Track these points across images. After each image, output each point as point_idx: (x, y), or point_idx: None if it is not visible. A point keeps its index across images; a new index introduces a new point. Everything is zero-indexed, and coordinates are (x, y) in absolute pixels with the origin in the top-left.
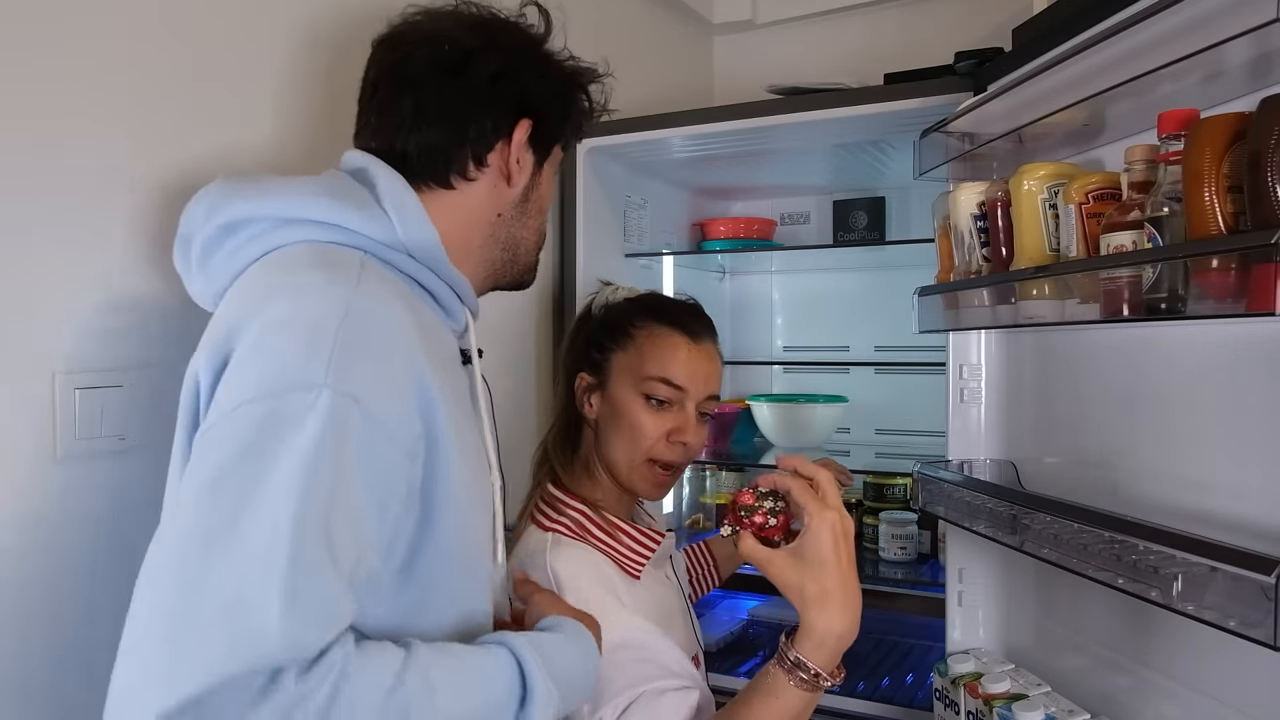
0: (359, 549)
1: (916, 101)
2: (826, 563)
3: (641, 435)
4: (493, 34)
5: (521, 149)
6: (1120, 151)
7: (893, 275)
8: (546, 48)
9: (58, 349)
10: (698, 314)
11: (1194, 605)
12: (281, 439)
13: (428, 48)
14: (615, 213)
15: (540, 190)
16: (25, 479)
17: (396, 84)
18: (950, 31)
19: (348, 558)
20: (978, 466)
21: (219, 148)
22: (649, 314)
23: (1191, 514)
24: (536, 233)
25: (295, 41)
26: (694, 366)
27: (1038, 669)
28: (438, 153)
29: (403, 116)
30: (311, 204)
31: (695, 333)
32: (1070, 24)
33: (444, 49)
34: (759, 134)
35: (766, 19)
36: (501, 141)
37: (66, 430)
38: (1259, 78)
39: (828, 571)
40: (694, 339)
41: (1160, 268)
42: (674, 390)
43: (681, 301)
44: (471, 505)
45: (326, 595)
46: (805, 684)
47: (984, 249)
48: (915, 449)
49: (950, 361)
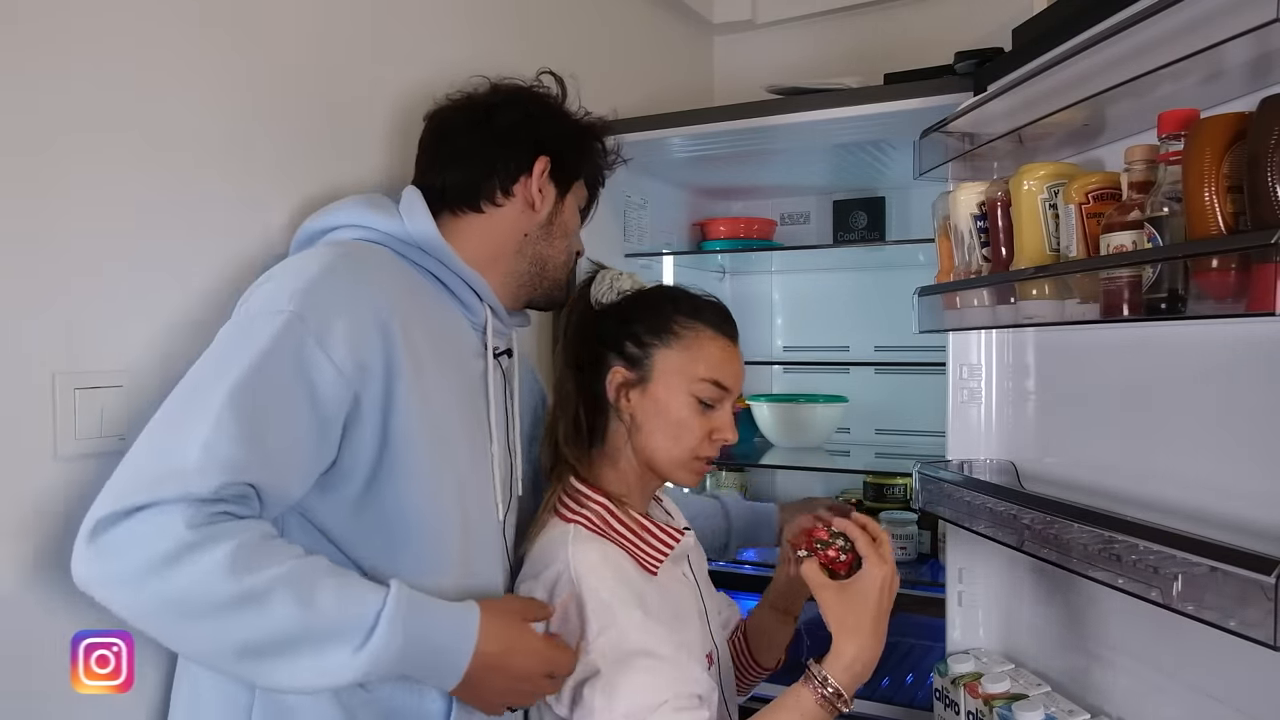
0: (289, 435)
1: (916, 101)
2: (869, 603)
3: (689, 434)
4: (512, 95)
5: (542, 180)
6: (1120, 151)
7: (893, 275)
8: (560, 104)
9: (58, 349)
10: (728, 315)
11: (1194, 605)
12: (243, 345)
13: (462, 109)
14: (615, 213)
15: (564, 217)
16: (25, 479)
17: (437, 136)
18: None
19: (269, 435)
20: (978, 466)
21: None
22: (694, 315)
23: (1191, 514)
24: (563, 252)
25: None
26: (736, 368)
27: (1038, 669)
28: (468, 184)
29: (441, 158)
30: (352, 212)
31: (733, 335)
32: (1070, 24)
33: (472, 107)
34: (759, 134)
35: (766, 19)
36: (524, 175)
37: (66, 430)
38: (1259, 78)
39: (869, 610)
40: (733, 341)
41: (1160, 268)
42: (722, 392)
43: (713, 301)
44: (435, 473)
45: (234, 453)
46: (826, 701)
47: (984, 249)
48: (915, 449)
49: (950, 361)
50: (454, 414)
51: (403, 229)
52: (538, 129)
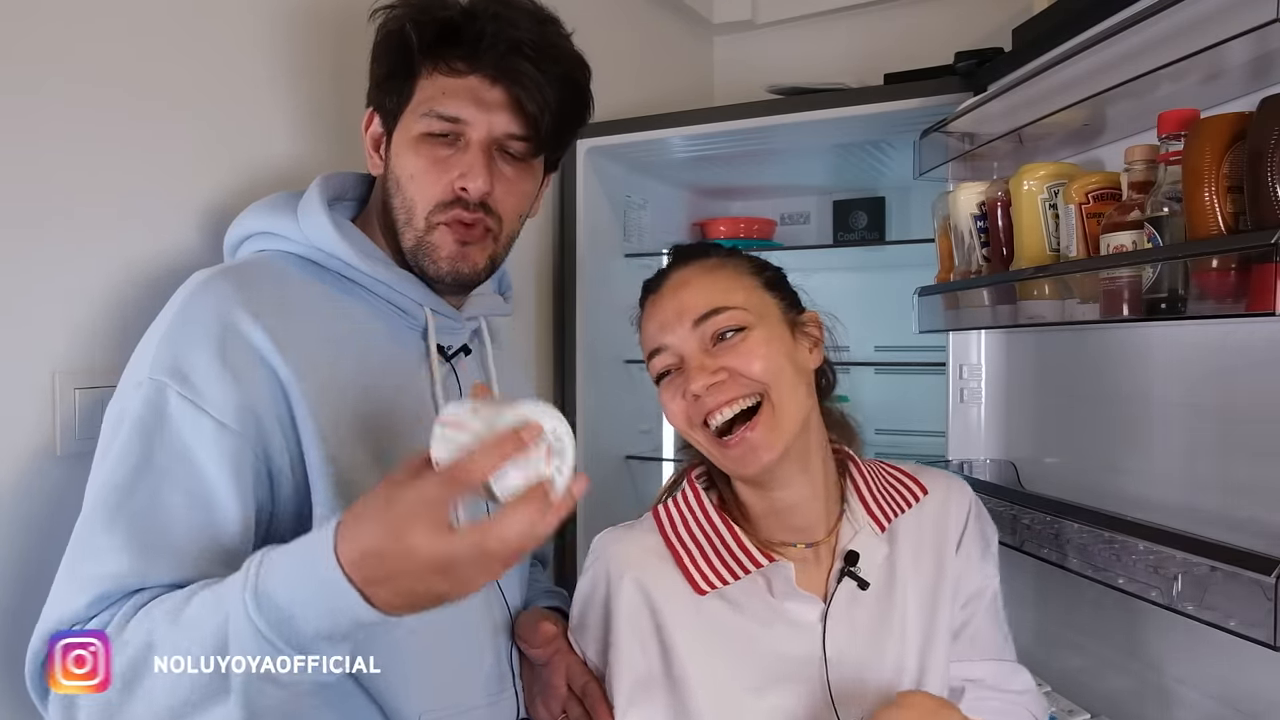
0: (189, 515)
1: (916, 101)
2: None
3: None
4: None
5: (374, 136)
6: (1120, 151)
7: (893, 275)
8: (382, 39)
9: (58, 349)
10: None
11: (1194, 605)
12: (114, 441)
13: None
14: (615, 213)
15: (393, 164)
16: (25, 478)
17: None
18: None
19: (162, 535)
20: (978, 466)
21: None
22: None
23: (1191, 514)
24: (403, 208)
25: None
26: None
27: (1038, 669)
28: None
29: None
30: (256, 218)
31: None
32: (1070, 24)
33: None
34: (759, 134)
35: (766, 19)
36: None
37: (67, 430)
38: (1259, 78)
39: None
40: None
41: (1160, 268)
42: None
43: None
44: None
45: (96, 572)
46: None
47: (984, 249)
48: (915, 449)
49: (950, 361)
50: (399, 442)
51: (301, 235)
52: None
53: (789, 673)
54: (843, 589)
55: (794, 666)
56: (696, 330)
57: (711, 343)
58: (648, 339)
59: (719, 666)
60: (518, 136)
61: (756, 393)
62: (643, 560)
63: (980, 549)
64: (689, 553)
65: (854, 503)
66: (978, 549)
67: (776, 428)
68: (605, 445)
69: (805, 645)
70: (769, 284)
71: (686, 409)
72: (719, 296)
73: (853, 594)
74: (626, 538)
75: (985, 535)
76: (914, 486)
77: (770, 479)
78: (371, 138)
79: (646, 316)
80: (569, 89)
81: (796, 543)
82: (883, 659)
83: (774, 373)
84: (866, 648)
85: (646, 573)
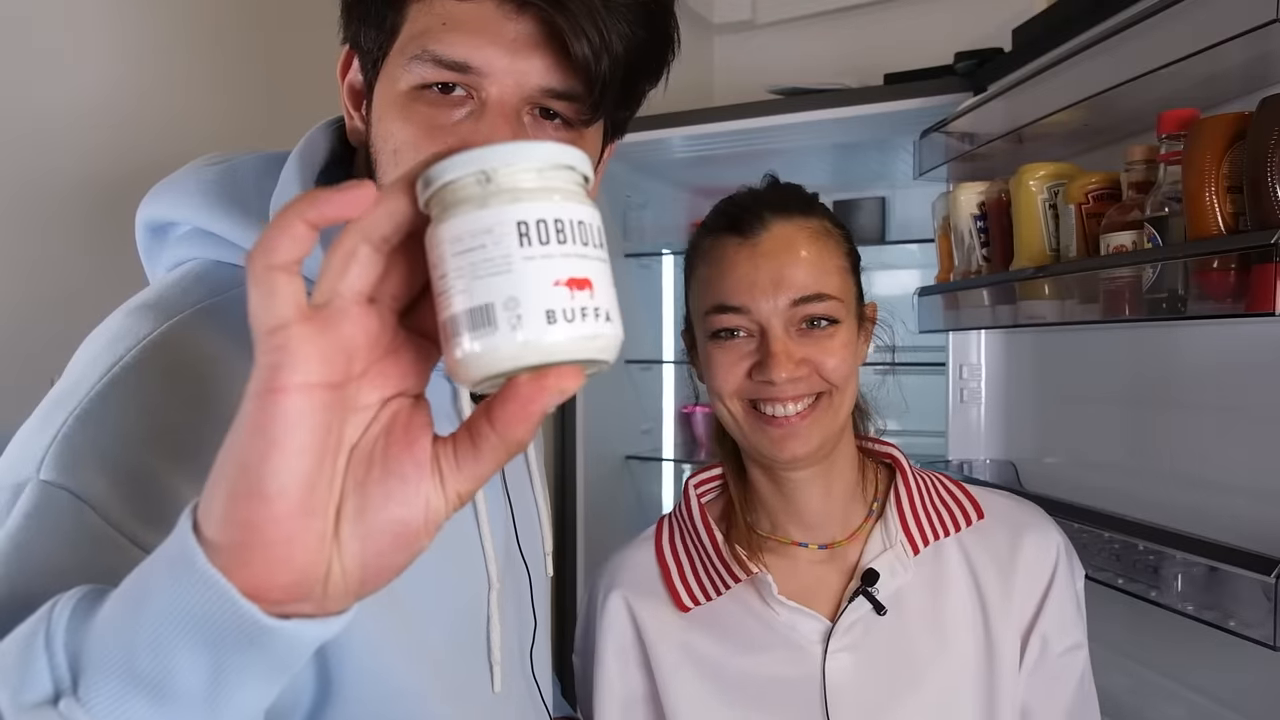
0: None
1: (916, 101)
2: None
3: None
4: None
5: (351, 78)
6: (1120, 151)
7: (893, 275)
8: None
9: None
10: None
11: (1194, 605)
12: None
13: None
14: (615, 213)
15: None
16: None
17: None
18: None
19: None
20: (978, 466)
21: None
22: None
23: (1191, 513)
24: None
25: None
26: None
27: None
28: None
29: None
30: (195, 206)
31: None
32: (1070, 24)
33: None
34: (759, 134)
35: (766, 19)
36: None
37: None
38: (1259, 78)
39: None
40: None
41: (1160, 268)
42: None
43: None
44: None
45: None
46: None
47: (984, 249)
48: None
49: (950, 361)
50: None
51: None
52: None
53: (782, 699)
54: (854, 610)
55: (788, 693)
56: (792, 310)
57: (799, 325)
58: (722, 290)
59: (705, 690)
60: (561, 94)
61: (823, 390)
62: (633, 576)
63: (1074, 606)
64: (679, 566)
65: (891, 515)
66: (1070, 606)
67: (825, 425)
68: (605, 445)
69: (802, 668)
70: (854, 267)
71: (741, 381)
72: (823, 279)
73: (869, 621)
74: (623, 552)
75: (1077, 589)
76: (968, 508)
77: (792, 464)
78: (349, 89)
79: (727, 261)
80: (642, 15)
81: (808, 543)
82: (897, 710)
83: (845, 375)
84: (879, 690)
85: (635, 589)
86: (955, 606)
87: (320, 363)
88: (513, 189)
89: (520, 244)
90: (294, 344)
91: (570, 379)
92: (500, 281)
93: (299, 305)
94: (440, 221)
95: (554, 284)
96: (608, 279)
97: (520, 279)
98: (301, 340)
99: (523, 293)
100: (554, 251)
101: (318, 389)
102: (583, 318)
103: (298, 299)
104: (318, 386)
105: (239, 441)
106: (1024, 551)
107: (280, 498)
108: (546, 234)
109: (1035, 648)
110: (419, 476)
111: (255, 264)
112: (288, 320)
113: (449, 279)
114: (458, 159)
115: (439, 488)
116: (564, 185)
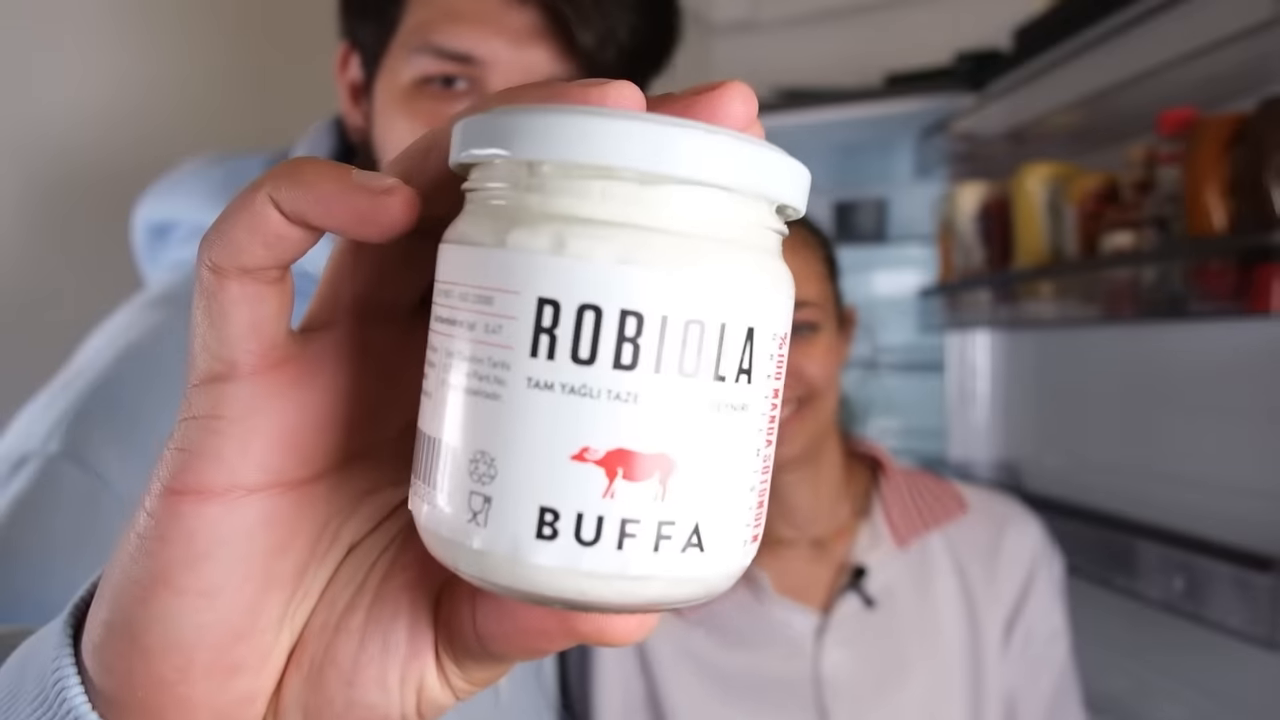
0: None
1: (917, 101)
2: None
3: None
4: None
5: (349, 65)
6: (1120, 152)
7: (893, 275)
8: None
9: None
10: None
11: (1194, 605)
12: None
13: None
14: None
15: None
16: None
17: None
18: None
19: None
20: (978, 466)
21: None
22: None
23: (1191, 513)
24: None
25: None
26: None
27: None
28: None
29: None
30: (194, 207)
31: None
32: (1070, 24)
33: None
34: None
35: (767, 19)
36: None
37: None
38: (1259, 78)
39: None
40: None
41: (1160, 268)
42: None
43: None
44: None
45: None
46: None
47: (984, 249)
48: (915, 449)
49: (950, 361)
50: None
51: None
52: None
53: (778, 694)
54: (846, 605)
55: (784, 688)
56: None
57: None
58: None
59: (703, 688)
60: None
61: (806, 394)
62: None
63: (1055, 595)
64: None
65: (878, 511)
66: (1053, 594)
67: (811, 428)
68: None
69: (796, 665)
70: (832, 273)
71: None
72: (802, 286)
73: (861, 615)
74: None
75: (1057, 577)
76: (949, 503)
77: (781, 467)
78: (348, 85)
79: None
80: (646, 4)
81: (799, 541)
82: (890, 700)
83: (827, 378)
84: (872, 682)
85: None
86: (942, 598)
87: (270, 451)
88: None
89: (532, 349)
90: (231, 411)
91: (618, 633)
92: (472, 415)
93: (265, 338)
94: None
95: (571, 457)
96: (739, 460)
97: (507, 425)
98: (246, 409)
99: (505, 457)
100: (612, 384)
101: (260, 493)
102: (623, 538)
103: (267, 327)
104: (261, 489)
105: (120, 556)
106: (1007, 542)
107: (169, 654)
108: (617, 343)
109: (1020, 636)
110: (417, 631)
111: (204, 260)
112: (233, 365)
113: (430, 343)
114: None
115: (436, 668)
116: (740, 235)
